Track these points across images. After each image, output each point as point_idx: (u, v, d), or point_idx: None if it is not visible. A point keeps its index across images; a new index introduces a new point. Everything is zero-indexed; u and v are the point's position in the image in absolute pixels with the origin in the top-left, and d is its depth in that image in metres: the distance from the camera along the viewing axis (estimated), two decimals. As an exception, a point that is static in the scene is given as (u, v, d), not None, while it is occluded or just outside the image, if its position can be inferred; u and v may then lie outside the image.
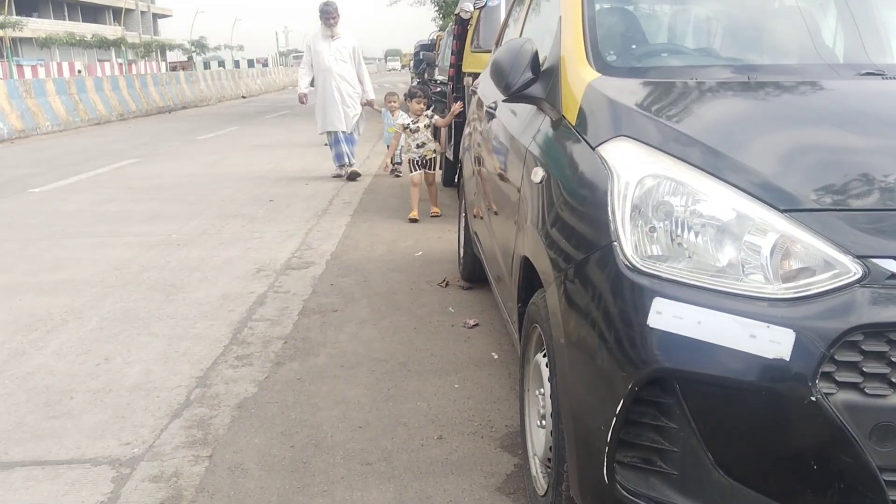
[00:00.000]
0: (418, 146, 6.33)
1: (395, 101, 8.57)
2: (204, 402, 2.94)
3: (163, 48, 63.05)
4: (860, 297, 1.41)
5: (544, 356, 2.04)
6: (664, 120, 1.83)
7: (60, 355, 3.45)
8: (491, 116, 3.25)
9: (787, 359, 1.40)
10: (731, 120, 1.82)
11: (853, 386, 1.39)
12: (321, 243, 5.51)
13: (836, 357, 1.39)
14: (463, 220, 4.48)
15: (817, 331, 1.40)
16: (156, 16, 77.11)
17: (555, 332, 1.82)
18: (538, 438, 2.11)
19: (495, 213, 2.94)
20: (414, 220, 6.15)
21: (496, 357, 3.30)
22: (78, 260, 5.18)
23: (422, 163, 6.37)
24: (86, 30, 56.15)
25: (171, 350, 3.50)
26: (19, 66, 38.49)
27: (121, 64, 46.67)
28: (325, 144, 9.27)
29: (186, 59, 69.24)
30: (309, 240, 5.61)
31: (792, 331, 1.41)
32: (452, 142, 6.84)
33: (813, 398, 1.39)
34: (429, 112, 6.43)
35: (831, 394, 1.39)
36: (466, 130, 4.35)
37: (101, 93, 18.90)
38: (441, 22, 25.90)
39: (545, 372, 2.01)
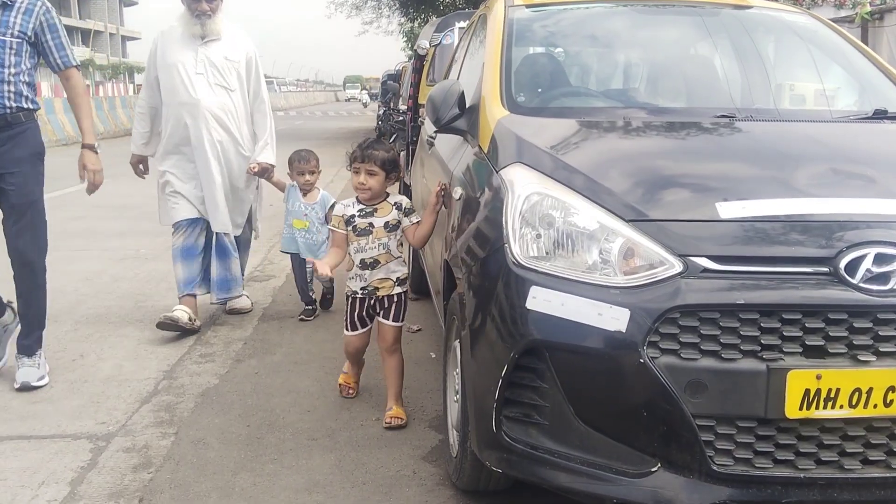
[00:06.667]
0: (364, 264, 2.97)
1: (310, 170, 4.25)
2: (170, 391, 3.32)
3: (131, 70, 63.03)
4: (680, 286, 1.87)
5: (460, 342, 2.48)
6: (552, 151, 2.31)
7: (39, 352, 3.79)
8: (431, 145, 3.71)
9: (624, 330, 1.85)
10: (601, 152, 2.31)
11: (672, 352, 1.84)
12: (283, 258, 5.89)
13: (660, 330, 1.84)
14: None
15: (646, 310, 1.86)
16: (125, 38, 77.15)
17: (462, 317, 2.26)
18: (454, 411, 2.54)
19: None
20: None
21: (433, 356, 3.73)
22: (51, 271, 5.47)
23: (370, 306, 3.04)
24: (53, 50, 56.00)
25: (141, 349, 3.87)
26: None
27: (88, 85, 46.73)
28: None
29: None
30: (271, 255, 6.00)
31: (627, 310, 1.86)
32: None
33: (642, 360, 1.83)
34: (402, 200, 3.02)
35: (656, 357, 1.84)
36: (416, 156, 4.82)
37: (68, 114, 19.09)
38: (409, 52, 26.60)
39: (459, 354, 2.45)
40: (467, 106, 2.88)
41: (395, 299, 3.04)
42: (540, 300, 1.95)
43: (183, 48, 4.07)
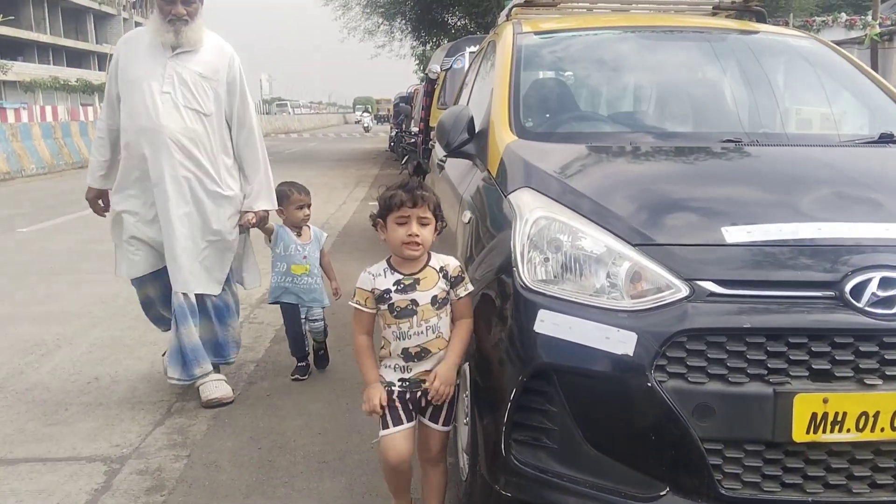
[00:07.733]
0: (409, 355, 2.23)
1: (309, 203, 3.84)
2: (183, 414, 3.36)
3: (146, 94, 63.64)
4: (687, 310, 1.89)
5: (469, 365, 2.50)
6: (559, 176, 2.34)
7: (55, 375, 3.85)
8: (441, 168, 3.76)
9: (631, 354, 1.87)
10: (608, 177, 2.34)
11: (680, 376, 1.85)
12: (294, 281, 5.93)
13: (667, 353, 1.86)
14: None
15: (654, 334, 1.87)
16: (140, 62, 78.05)
17: (472, 340, 2.28)
18: (463, 434, 2.56)
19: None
20: None
21: (444, 378, 3.74)
22: (67, 294, 5.58)
23: (413, 403, 2.28)
24: (70, 74, 56.85)
25: (154, 371, 3.91)
26: (2, 110, 38.72)
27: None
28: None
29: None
30: (283, 278, 6.03)
31: (635, 333, 1.88)
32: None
33: (649, 384, 1.85)
34: (448, 264, 2.26)
35: (663, 381, 1.85)
36: (427, 178, 4.87)
37: (85, 137, 19.36)
38: (421, 74, 26.81)
39: (468, 377, 2.46)
40: (476, 131, 2.92)
41: (447, 401, 2.25)
42: (548, 323, 1.97)
43: (148, 61, 3.29)
